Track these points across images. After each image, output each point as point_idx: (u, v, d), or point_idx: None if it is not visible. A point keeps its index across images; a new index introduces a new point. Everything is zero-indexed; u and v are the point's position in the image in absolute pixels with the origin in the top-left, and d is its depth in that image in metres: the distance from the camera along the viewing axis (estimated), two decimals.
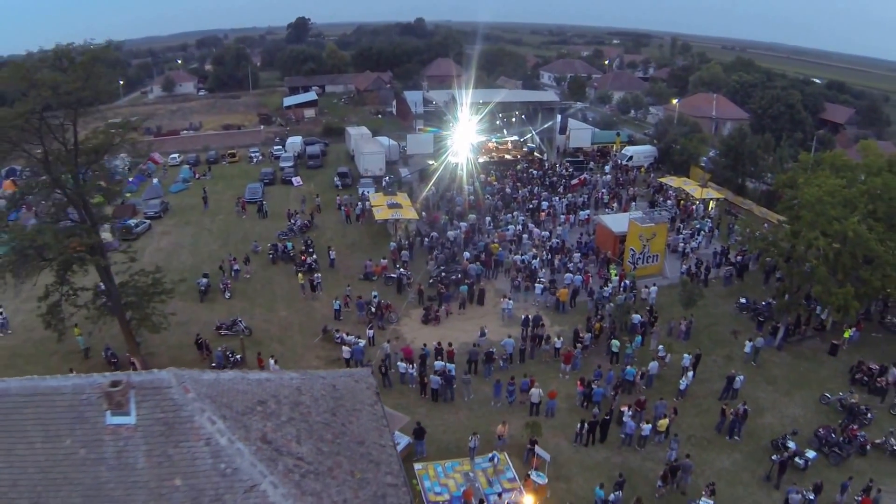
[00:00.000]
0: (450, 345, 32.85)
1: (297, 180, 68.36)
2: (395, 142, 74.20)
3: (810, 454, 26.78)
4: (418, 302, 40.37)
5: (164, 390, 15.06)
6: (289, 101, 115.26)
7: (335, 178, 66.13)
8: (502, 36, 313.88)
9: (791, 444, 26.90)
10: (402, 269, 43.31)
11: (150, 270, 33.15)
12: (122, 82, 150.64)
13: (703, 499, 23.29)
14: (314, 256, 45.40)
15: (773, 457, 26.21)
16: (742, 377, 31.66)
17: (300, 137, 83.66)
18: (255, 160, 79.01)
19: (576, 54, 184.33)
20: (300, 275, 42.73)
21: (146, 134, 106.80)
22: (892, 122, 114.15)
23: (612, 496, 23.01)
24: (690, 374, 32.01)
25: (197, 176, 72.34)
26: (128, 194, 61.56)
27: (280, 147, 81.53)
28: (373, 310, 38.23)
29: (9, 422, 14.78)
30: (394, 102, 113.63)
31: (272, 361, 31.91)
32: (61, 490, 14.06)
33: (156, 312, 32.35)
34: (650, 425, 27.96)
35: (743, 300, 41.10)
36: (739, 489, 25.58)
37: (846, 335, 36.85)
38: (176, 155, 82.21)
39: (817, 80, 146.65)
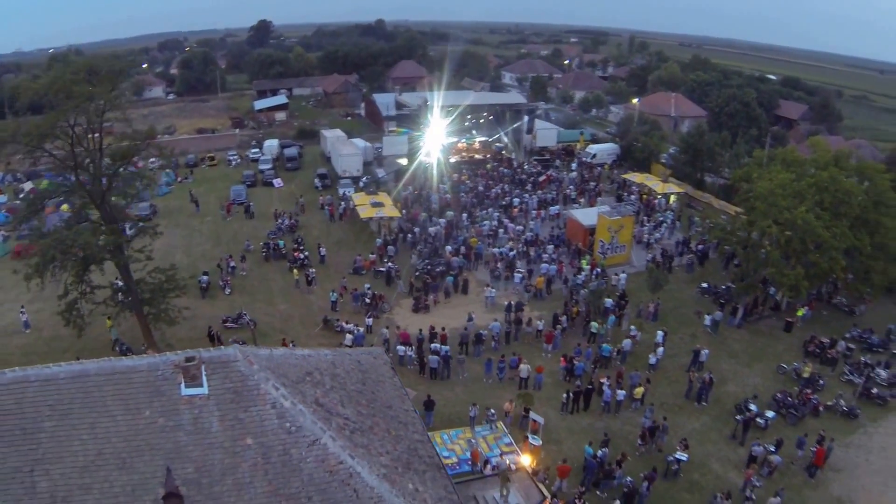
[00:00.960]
0: (443, 329, 35.61)
1: (277, 182, 70.20)
2: (369, 144, 76.38)
3: (770, 415, 30.24)
4: (408, 292, 42.87)
5: (231, 363, 17.43)
6: (259, 104, 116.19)
7: (315, 180, 68.11)
8: (461, 36, 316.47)
9: (753, 407, 30.32)
10: (390, 263, 45.73)
11: (165, 268, 35.08)
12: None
13: (678, 453, 26.48)
14: (306, 253, 47.58)
15: (738, 417, 29.67)
16: (707, 351, 35.08)
17: (277, 140, 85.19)
18: (233, 163, 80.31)
19: (535, 54, 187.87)
20: (295, 271, 44.96)
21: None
22: (845, 117, 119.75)
23: (599, 452, 26.01)
24: (661, 349, 35.21)
25: (179, 179, 73.54)
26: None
27: (257, 150, 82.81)
28: (367, 300, 40.65)
29: (90, 399, 16.69)
30: (362, 105, 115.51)
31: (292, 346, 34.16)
32: (144, 455, 16.09)
33: (171, 307, 34.38)
34: (624, 391, 31.13)
35: (705, 285, 44.49)
36: (709, 446, 28.87)
37: (799, 313, 40.55)
38: (154, 159, 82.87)
39: (772, 77, 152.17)
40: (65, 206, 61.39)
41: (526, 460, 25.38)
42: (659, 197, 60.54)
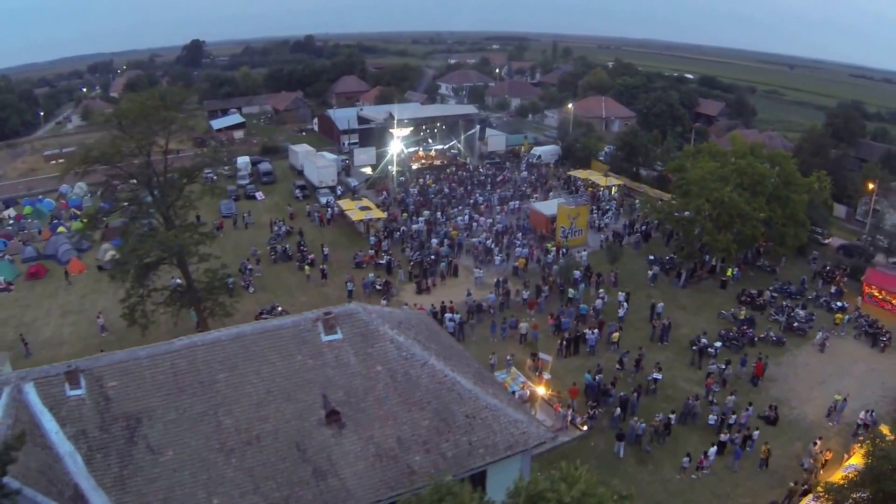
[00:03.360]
0: (451, 302, 42.10)
1: (259, 195, 75.08)
2: (335, 156, 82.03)
3: (718, 345, 38.40)
4: (408, 279, 49.16)
5: (356, 315, 23.71)
6: (216, 123, 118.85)
7: (296, 191, 73.35)
8: (388, 48, 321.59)
9: (704, 340, 38.12)
10: (388, 256, 51.88)
11: (216, 268, 40.20)
12: (41, 114, 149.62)
13: (654, 373, 34.03)
14: (312, 255, 53.23)
15: (693, 348, 37.59)
16: (662, 304, 42.97)
17: (248, 157, 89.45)
18: (209, 181, 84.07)
19: (466, 64, 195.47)
20: (307, 268, 50.56)
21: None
22: (758, 112, 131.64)
23: (597, 378, 33.30)
24: (625, 305, 42.83)
25: None
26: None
27: (227, 167, 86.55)
28: (378, 287, 46.74)
29: (251, 353, 22.27)
30: (314, 120, 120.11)
31: None
32: (303, 388, 21.82)
33: (225, 302, 39.70)
34: (597, 332, 39.02)
35: (651, 257, 52.41)
36: (675, 371, 36.78)
37: (730, 273, 48.92)
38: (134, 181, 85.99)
39: (690, 76, 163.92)
40: (61, 229, 65.19)
41: (541, 390, 32.26)
42: (602, 189, 68.62)
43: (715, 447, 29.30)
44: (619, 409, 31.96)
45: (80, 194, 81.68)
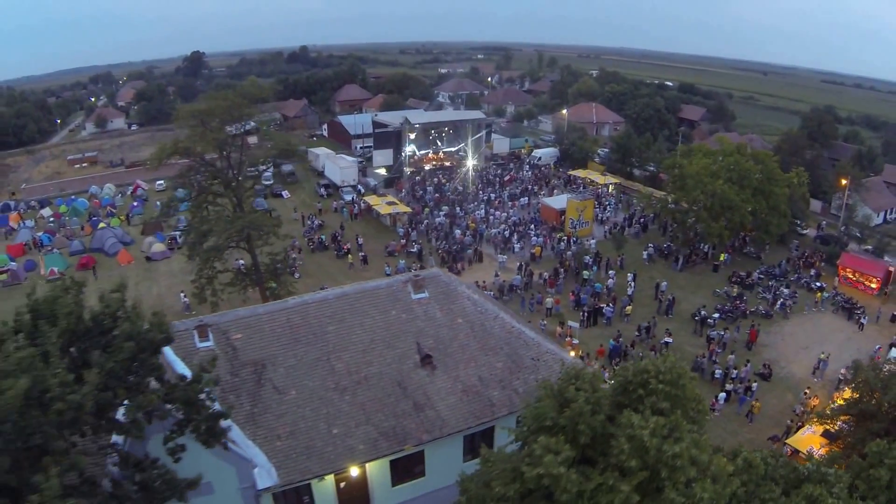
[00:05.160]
0: (483, 282, 46.57)
1: (285, 193, 79.11)
2: (354, 158, 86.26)
3: (716, 316, 43.07)
4: (439, 264, 53.55)
5: (438, 277, 28.14)
6: (230, 129, 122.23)
7: (320, 189, 77.40)
8: (378, 58, 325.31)
9: (703, 313, 42.94)
10: (418, 245, 56.27)
11: (278, 251, 44.22)
12: (58, 121, 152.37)
13: (666, 338, 38.77)
14: (347, 244, 57.47)
15: (695, 318, 42.32)
16: (665, 282, 47.70)
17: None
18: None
19: (458, 74, 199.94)
20: (349, 256, 54.71)
21: (111, 166, 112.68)
22: (737, 117, 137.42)
23: (619, 341, 37.98)
24: (633, 284, 47.59)
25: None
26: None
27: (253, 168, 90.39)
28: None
29: (355, 308, 26.41)
30: (324, 126, 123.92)
31: None
32: (400, 337, 25.98)
33: (287, 281, 43.79)
34: (612, 306, 43.67)
35: (651, 245, 57.16)
36: (680, 338, 41.65)
37: (721, 258, 53.83)
38: (161, 181, 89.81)
39: (669, 83, 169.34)
40: (102, 225, 68.66)
41: (571, 353, 36.84)
42: (601, 186, 73.55)
43: (724, 394, 34.11)
44: None
45: (110, 194, 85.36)
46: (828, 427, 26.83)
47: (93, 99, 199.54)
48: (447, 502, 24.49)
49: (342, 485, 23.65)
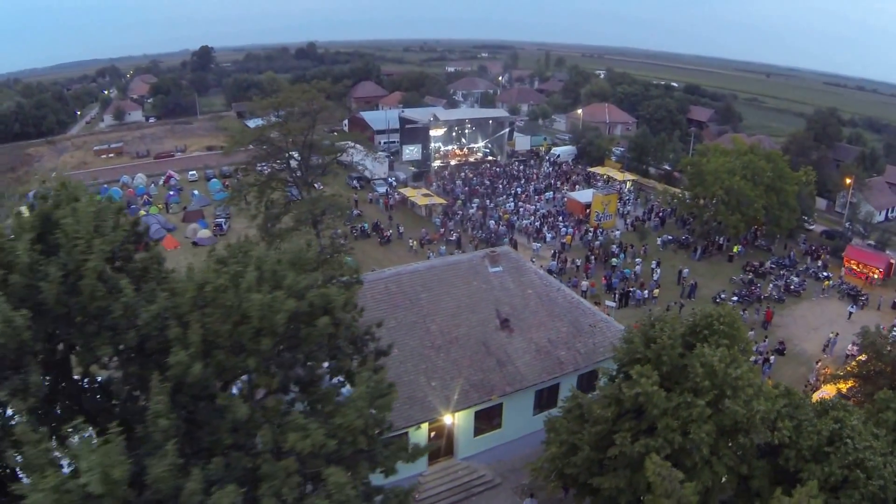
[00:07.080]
0: None
1: (318, 185, 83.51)
2: (383, 152, 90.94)
3: (734, 299, 48.01)
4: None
5: (510, 255, 33.06)
6: (251, 123, 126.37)
7: (354, 182, 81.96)
8: (383, 55, 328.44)
9: (723, 295, 47.91)
10: (456, 234, 61.10)
11: (339, 234, 48.77)
12: (78, 113, 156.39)
13: None
14: (389, 232, 62.24)
15: (716, 301, 47.20)
16: (687, 269, 52.69)
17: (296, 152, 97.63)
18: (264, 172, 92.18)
19: (467, 72, 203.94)
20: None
21: (138, 157, 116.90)
22: (744, 118, 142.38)
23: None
24: (658, 271, 52.53)
25: (227, 184, 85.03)
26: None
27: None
28: None
29: (442, 279, 31.17)
30: (345, 122, 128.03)
31: None
32: (481, 304, 30.74)
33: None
34: (646, 291, 48.44)
35: (669, 237, 62.10)
36: None
37: (735, 250, 58.88)
38: (194, 172, 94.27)
39: (675, 84, 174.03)
40: (141, 212, 73.02)
41: None
42: (620, 183, 78.51)
43: None
44: None
45: (142, 183, 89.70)
46: (840, 387, 31.78)
47: (105, 91, 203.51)
48: (519, 452, 29.32)
49: (433, 434, 27.92)
